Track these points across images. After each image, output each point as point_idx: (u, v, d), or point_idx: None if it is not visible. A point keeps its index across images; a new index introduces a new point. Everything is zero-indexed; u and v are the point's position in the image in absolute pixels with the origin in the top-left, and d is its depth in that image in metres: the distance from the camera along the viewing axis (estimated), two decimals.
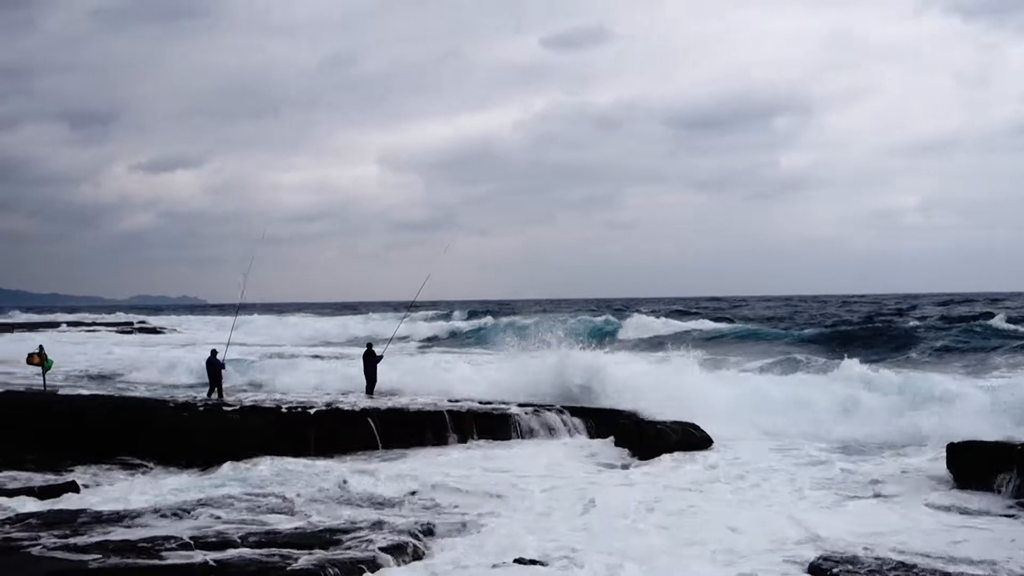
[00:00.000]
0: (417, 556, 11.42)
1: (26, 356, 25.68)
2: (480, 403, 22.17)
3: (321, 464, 17.28)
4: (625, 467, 17.44)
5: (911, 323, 52.23)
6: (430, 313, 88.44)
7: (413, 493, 14.95)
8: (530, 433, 20.24)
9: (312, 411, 19.99)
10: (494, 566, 10.81)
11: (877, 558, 10.65)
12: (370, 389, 24.62)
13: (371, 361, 24.89)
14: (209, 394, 23.38)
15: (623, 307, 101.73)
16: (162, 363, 37.59)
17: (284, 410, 20.03)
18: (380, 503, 14.35)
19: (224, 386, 23.96)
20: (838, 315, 75.35)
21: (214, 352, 24.18)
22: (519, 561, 10.86)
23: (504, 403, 22.05)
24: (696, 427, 19.28)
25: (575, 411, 21.38)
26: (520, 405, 21.72)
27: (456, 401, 22.49)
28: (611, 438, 19.41)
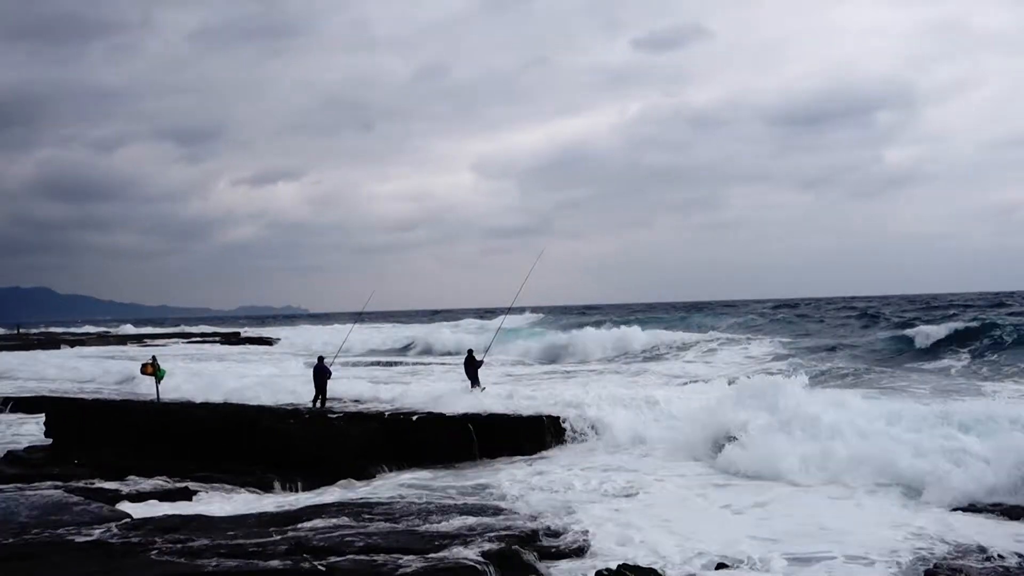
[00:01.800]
0: None
1: (140, 367, 26.58)
2: None
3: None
4: None
5: None
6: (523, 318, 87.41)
7: None
8: None
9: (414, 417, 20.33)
10: None
11: None
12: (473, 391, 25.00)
13: (472, 365, 25.70)
14: (314, 402, 23.73)
15: (718, 309, 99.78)
16: None
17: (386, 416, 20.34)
18: None
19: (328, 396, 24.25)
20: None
21: (321, 359, 24.60)
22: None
23: None
24: None
25: None
26: None
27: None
28: None
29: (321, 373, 23.97)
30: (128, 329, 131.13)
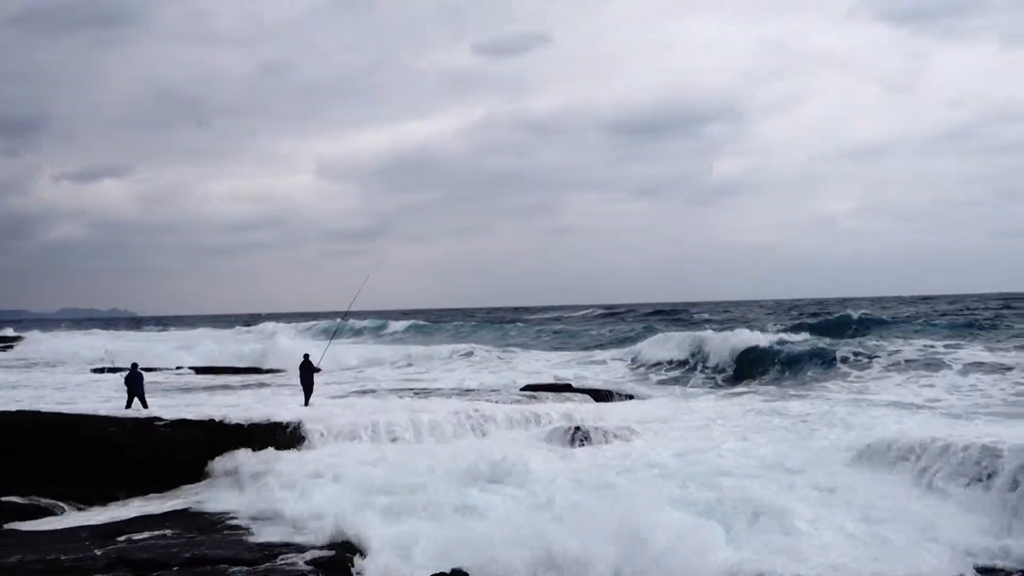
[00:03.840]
0: None
1: None
2: None
3: None
4: None
5: None
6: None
7: None
8: None
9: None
10: None
11: None
12: (307, 401, 24.43)
13: (308, 372, 24.69)
14: (127, 405, 23.07)
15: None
16: None
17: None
18: None
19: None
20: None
21: (134, 365, 24.00)
22: None
23: None
24: None
25: None
26: None
27: None
28: None
29: (133, 379, 23.45)
30: None
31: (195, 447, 18.37)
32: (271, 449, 18.04)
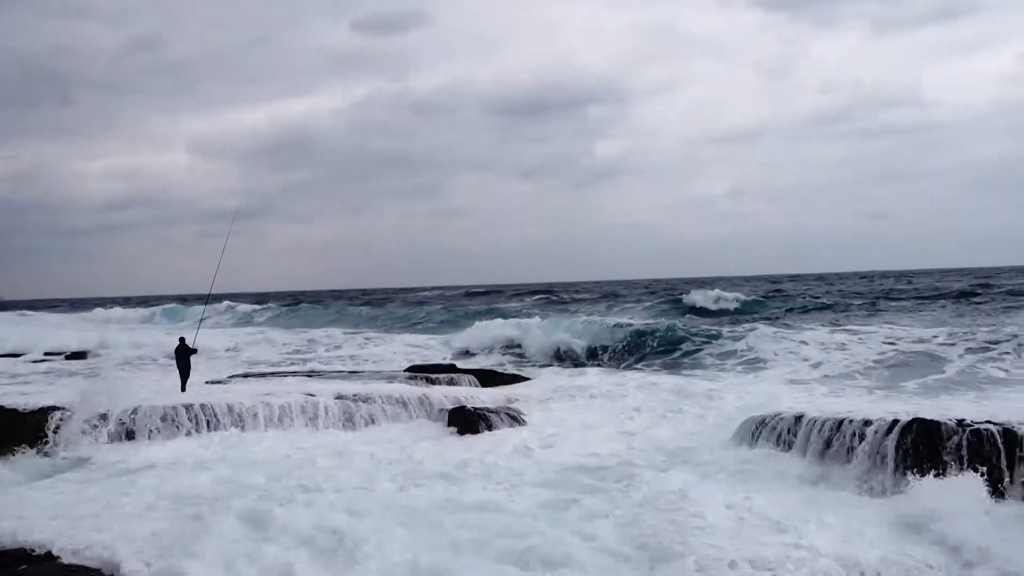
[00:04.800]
0: None
1: None
2: None
3: None
4: None
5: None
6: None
7: None
8: None
9: None
10: None
11: None
12: (184, 385, 23.47)
13: (184, 355, 23.78)
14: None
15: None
16: None
17: None
18: None
19: None
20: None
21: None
22: None
23: None
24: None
25: None
26: None
27: None
28: None
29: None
30: None
31: None
32: None
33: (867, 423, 13.24)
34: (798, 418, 14.62)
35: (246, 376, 27.09)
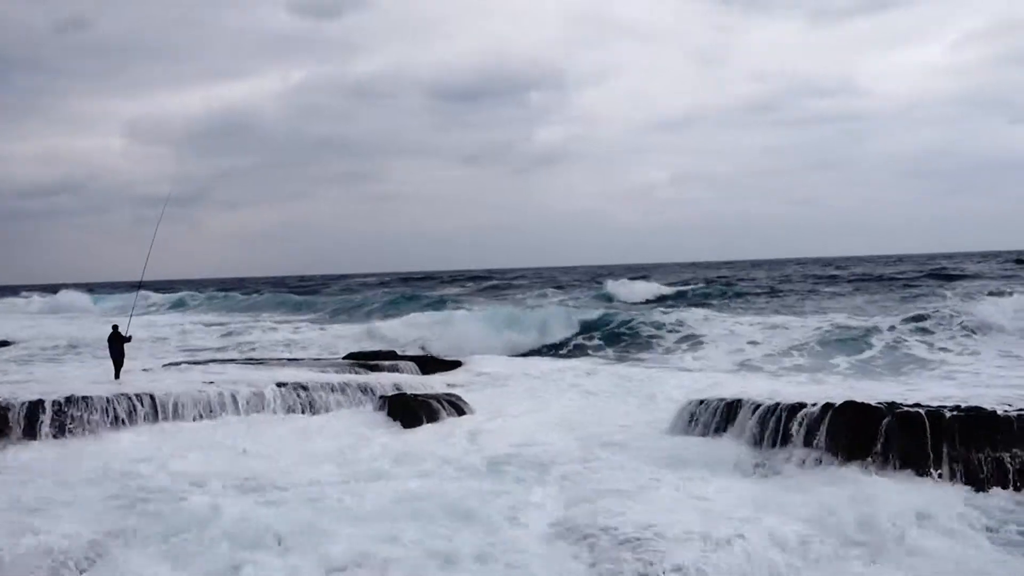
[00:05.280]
0: None
1: None
2: None
3: None
4: None
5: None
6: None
7: None
8: None
9: None
10: None
11: None
12: (117, 374, 22.96)
13: (117, 343, 23.23)
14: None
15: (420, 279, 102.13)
16: None
17: None
18: None
19: None
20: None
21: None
22: None
23: None
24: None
25: None
26: None
27: None
28: None
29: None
30: None
31: None
32: None
33: (799, 407, 13.44)
34: (733, 403, 14.83)
35: (182, 364, 26.56)
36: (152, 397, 18.09)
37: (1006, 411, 12.04)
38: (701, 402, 15.58)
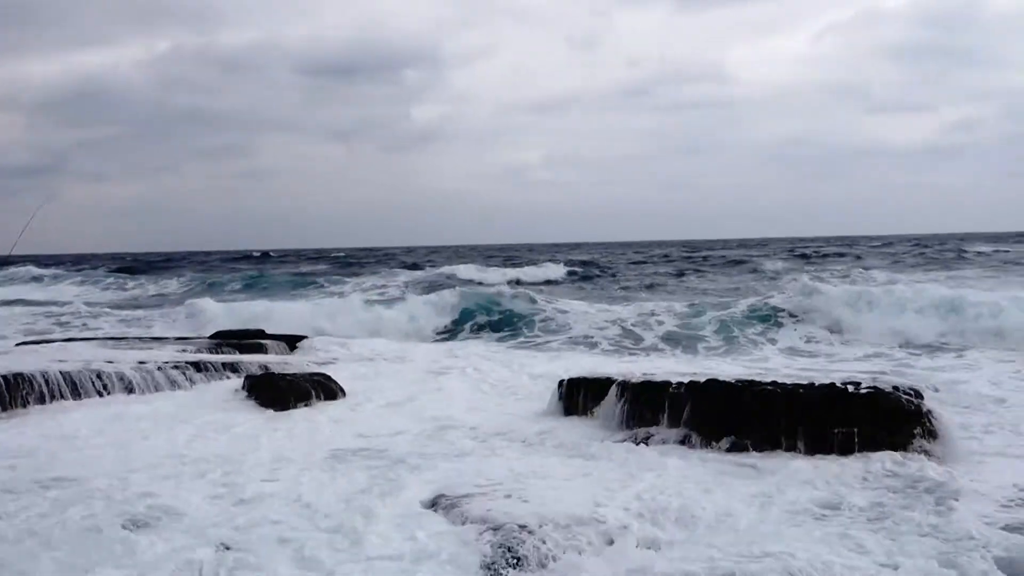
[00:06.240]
0: None
1: None
2: None
3: None
4: None
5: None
6: None
7: None
8: None
9: None
10: None
11: None
12: None
13: None
14: None
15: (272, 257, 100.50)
16: None
17: None
18: None
19: None
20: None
21: None
22: None
23: None
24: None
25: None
26: None
27: None
28: None
29: None
30: None
31: None
32: None
33: (665, 385, 13.72)
34: (601, 382, 15.02)
35: (33, 344, 25.14)
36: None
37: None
38: (570, 382, 15.70)
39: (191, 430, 14.57)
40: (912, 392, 12.55)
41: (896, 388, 12.54)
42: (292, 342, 27.26)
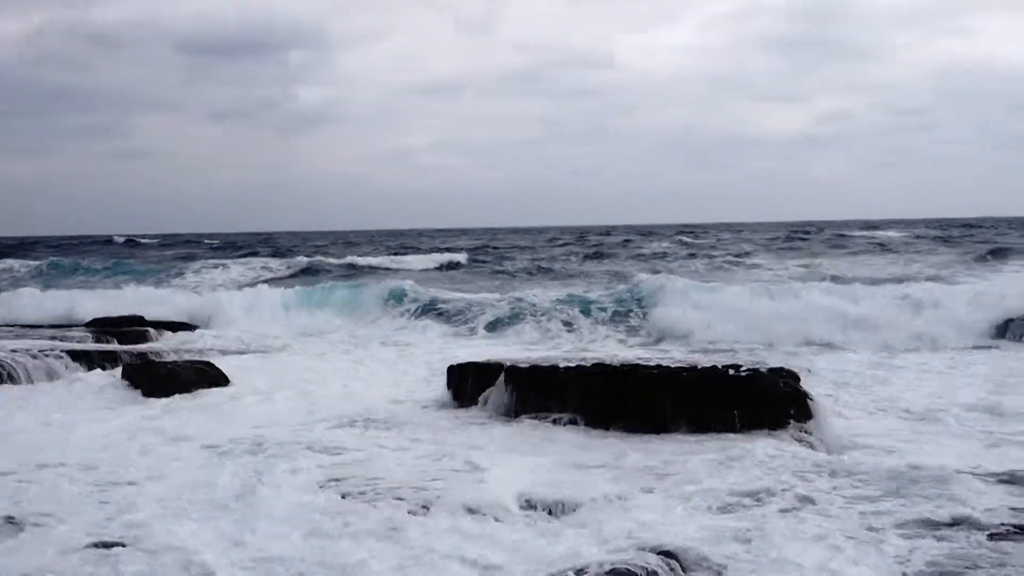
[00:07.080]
0: None
1: None
2: None
3: None
4: None
5: None
6: None
7: None
8: None
9: None
10: None
11: None
12: None
13: None
14: None
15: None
16: None
17: None
18: None
19: None
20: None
21: None
22: None
23: None
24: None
25: None
26: None
27: None
28: None
29: None
30: None
31: None
32: None
33: (554, 370, 13.90)
34: (489, 367, 15.07)
35: None
36: None
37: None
38: (460, 368, 15.66)
39: (64, 420, 13.98)
40: (787, 374, 13.14)
41: (774, 371, 13.11)
42: (175, 329, 26.58)
